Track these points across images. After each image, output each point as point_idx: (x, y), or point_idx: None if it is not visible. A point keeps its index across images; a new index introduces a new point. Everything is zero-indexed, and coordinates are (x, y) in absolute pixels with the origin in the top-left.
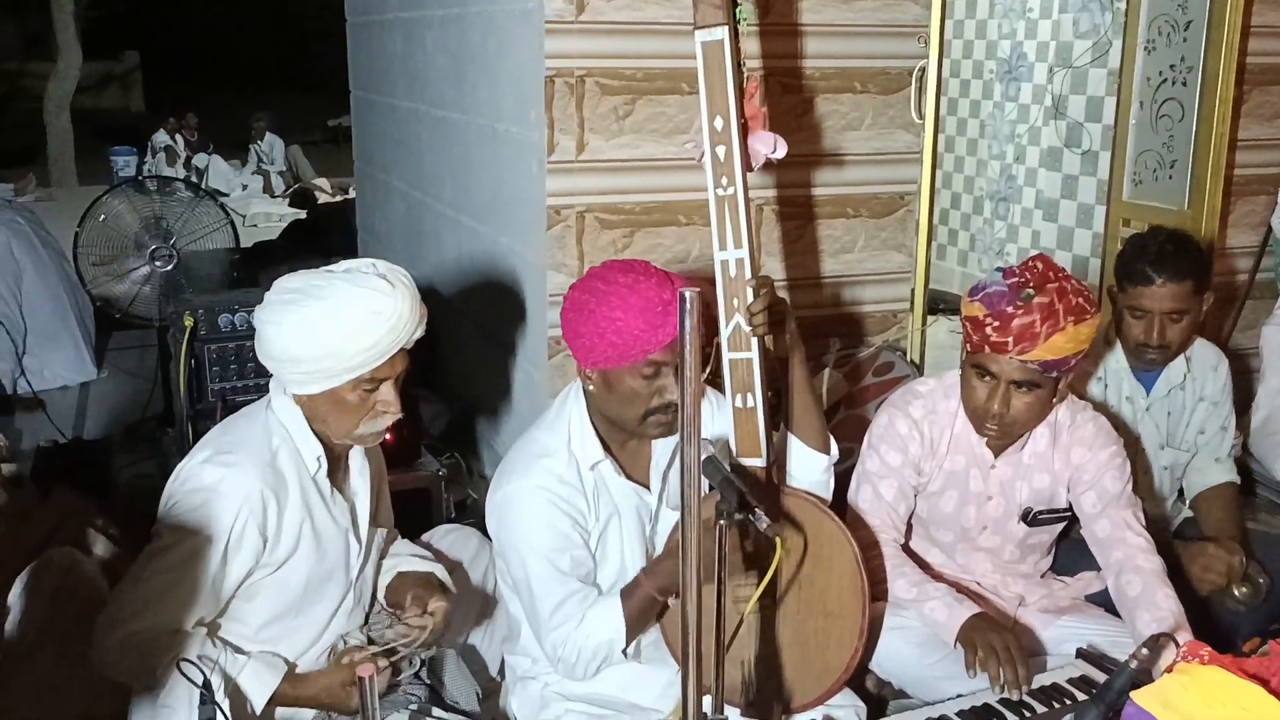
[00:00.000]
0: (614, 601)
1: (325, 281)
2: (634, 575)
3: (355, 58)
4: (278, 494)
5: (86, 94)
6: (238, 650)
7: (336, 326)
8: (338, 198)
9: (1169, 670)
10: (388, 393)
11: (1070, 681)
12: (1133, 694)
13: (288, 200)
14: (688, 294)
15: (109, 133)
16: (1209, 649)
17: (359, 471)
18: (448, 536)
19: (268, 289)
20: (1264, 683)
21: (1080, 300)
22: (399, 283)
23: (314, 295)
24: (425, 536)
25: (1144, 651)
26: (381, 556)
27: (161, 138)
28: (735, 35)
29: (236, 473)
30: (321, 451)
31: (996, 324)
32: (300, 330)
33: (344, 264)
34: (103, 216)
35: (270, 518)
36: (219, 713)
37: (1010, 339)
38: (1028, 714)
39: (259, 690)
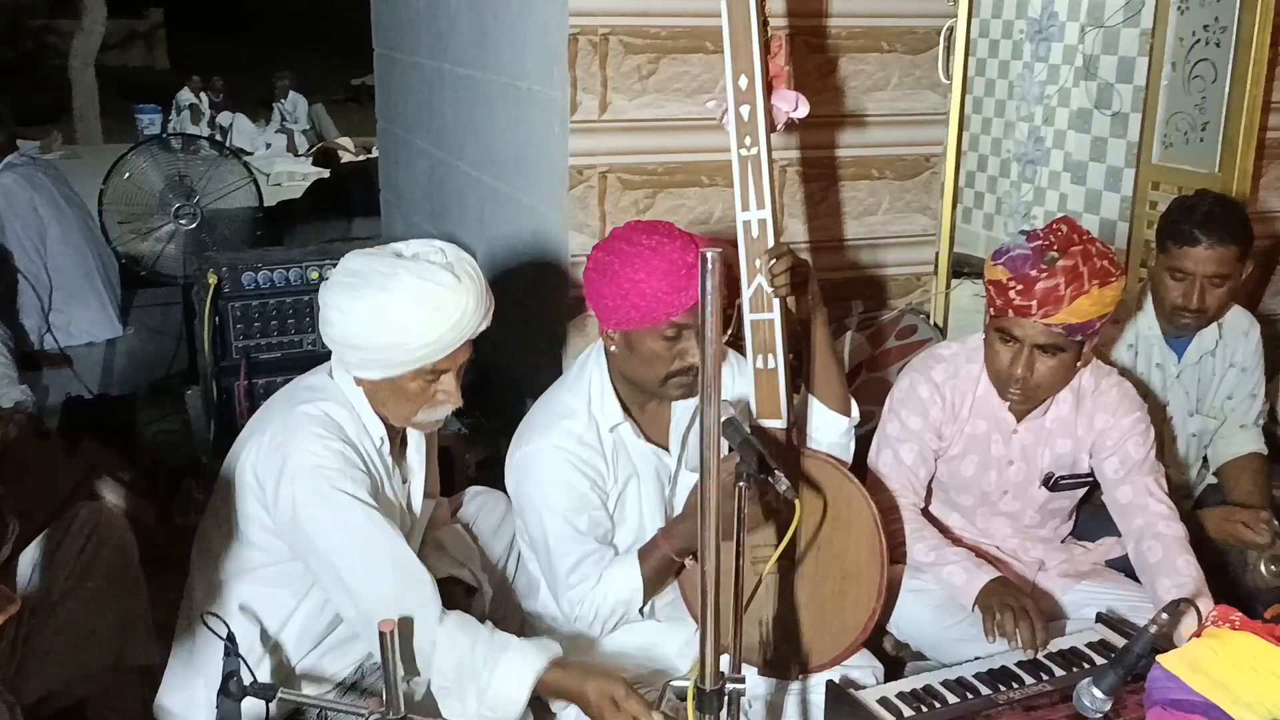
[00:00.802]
0: (631, 561)
1: (390, 269)
2: (652, 537)
3: (379, 15)
4: (364, 465)
5: (111, 52)
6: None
7: (399, 320)
8: (361, 157)
9: (1197, 635)
10: (449, 383)
11: (1089, 646)
12: (1159, 658)
13: (311, 159)
14: (709, 254)
15: (134, 90)
16: (1240, 614)
17: (415, 447)
18: (476, 499)
19: (291, 247)
20: None
21: (1105, 263)
22: (465, 275)
23: (378, 284)
24: (455, 499)
25: (1164, 616)
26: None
27: (186, 96)
28: None
29: (333, 444)
30: (384, 430)
31: (1020, 287)
32: (363, 319)
33: (412, 246)
34: (127, 174)
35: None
36: (243, 666)
37: (1034, 302)
38: (1045, 677)
39: (525, 672)
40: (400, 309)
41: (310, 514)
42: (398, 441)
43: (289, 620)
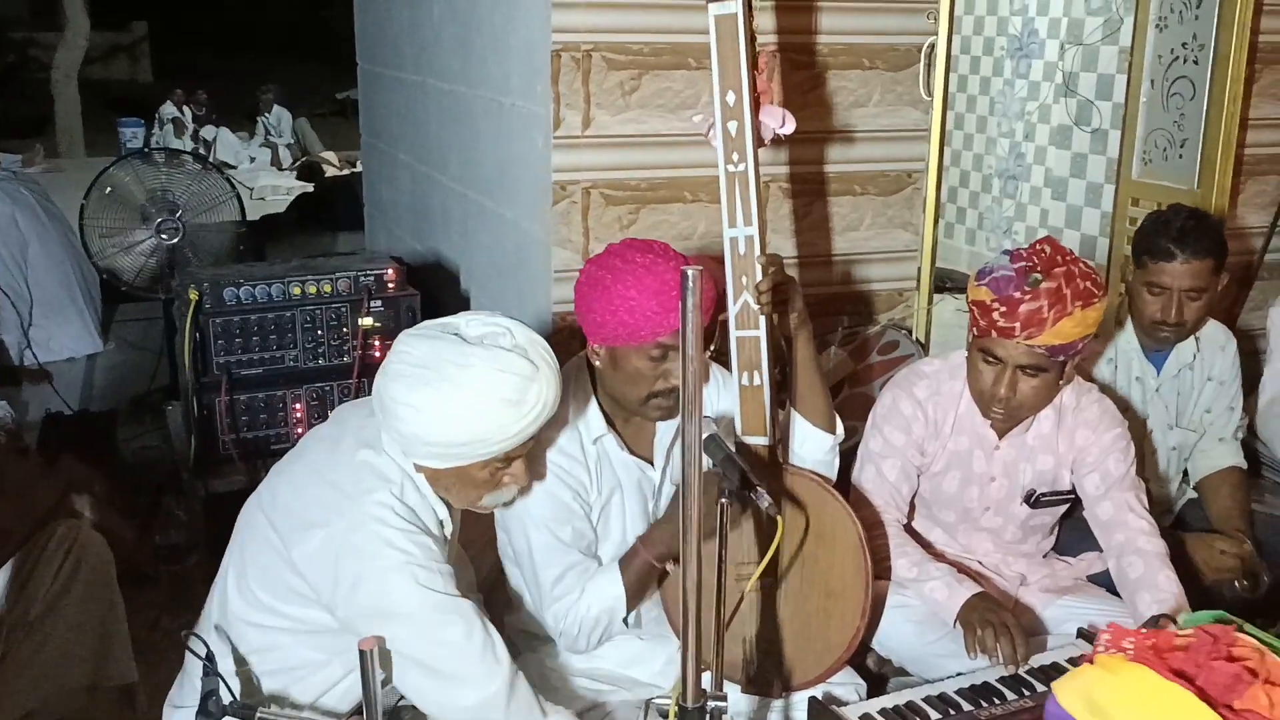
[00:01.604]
0: (613, 571)
1: (462, 359)
2: (631, 545)
3: (362, 30)
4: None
5: (94, 65)
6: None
7: (478, 416)
8: (345, 171)
9: (1090, 659)
10: (519, 468)
11: (1070, 661)
12: (1055, 689)
13: (295, 173)
14: (690, 271)
15: (117, 104)
16: (1136, 634)
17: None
18: None
19: (274, 262)
20: (1190, 680)
21: (1088, 284)
22: (541, 361)
23: (451, 377)
24: None
25: (1144, 632)
26: None
27: (169, 109)
28: (749, 7)
29: (429, 541)
30: (448, 514)
31: (1003, 309)
32: (437, 415)
33: (477, 326)
34: (109, 188)
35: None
36: (222, 685)
37: (1017, 324)
38: (1027, 692)
39: None
40: (479, 405)
41: (398, 615)
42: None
43: (333, 688)
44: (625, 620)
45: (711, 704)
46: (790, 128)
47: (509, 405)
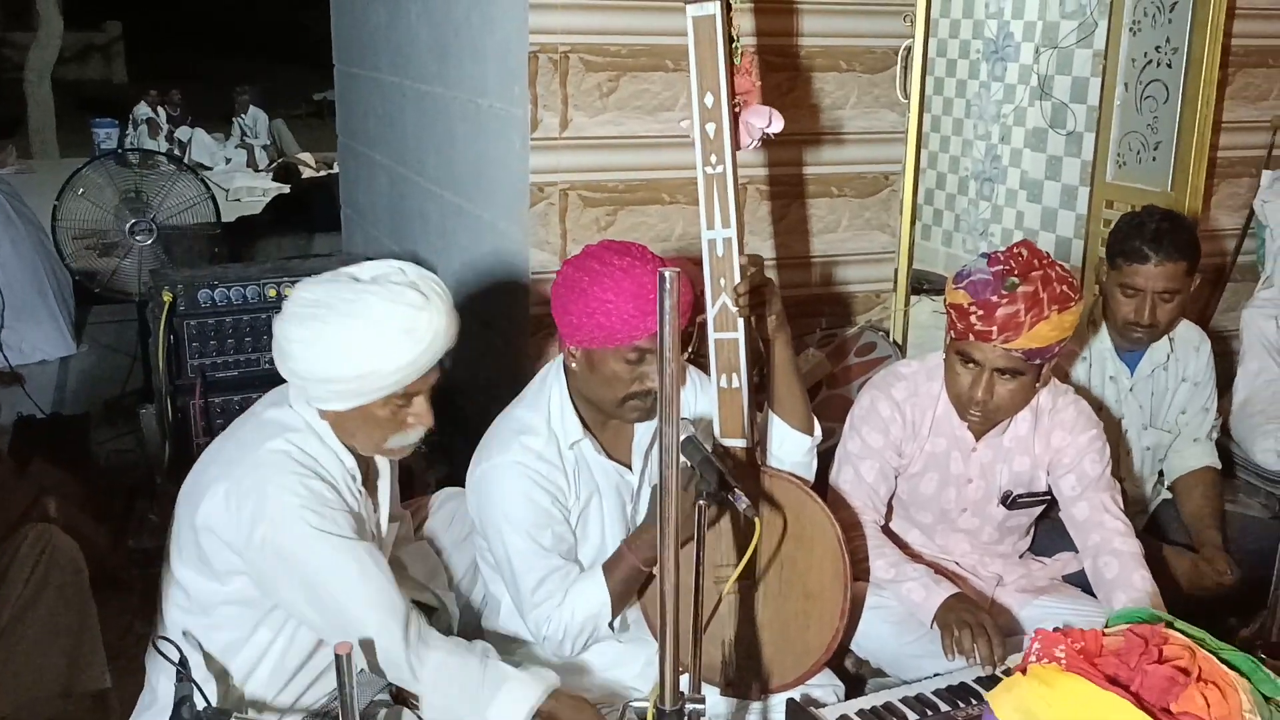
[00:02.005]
0: (597, 575)
1: (354, 294)
2: (617, 549)
3: (339, 31)
4: (344, 504)
5: (68, 65)
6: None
7: (371, 347)
8: (322, 172)
9: (1022, 669)
10: (420, 405)
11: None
12: (990, 700)
13: (271, 175)
14: (667, 274)
15: (91, 104)
16: (1068, 640)
17: (385, 475)
18: (445, 507)
19: (250, 264)
20: (1124, 686)
21: (1064, 288)
22: (432, 293)
23: (344, 311)
24: (420, 507)
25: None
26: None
27: (144, 110)
28: (727, 9)
29: (310, 482)
30: (355, 461)
31: (981, 313)
32: (331, 350)
33: (370, 269)
34: (81, 190)
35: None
36: (196, 691)
37: (994, 328)
38: None
39: (523, 700)
40: (371, 336)
41: (294, 557)
42: (371, 470)
43: (262, 659)
44: (611, 625)
45: (690, 706)
46: (778, 126)
47: (403, 333)
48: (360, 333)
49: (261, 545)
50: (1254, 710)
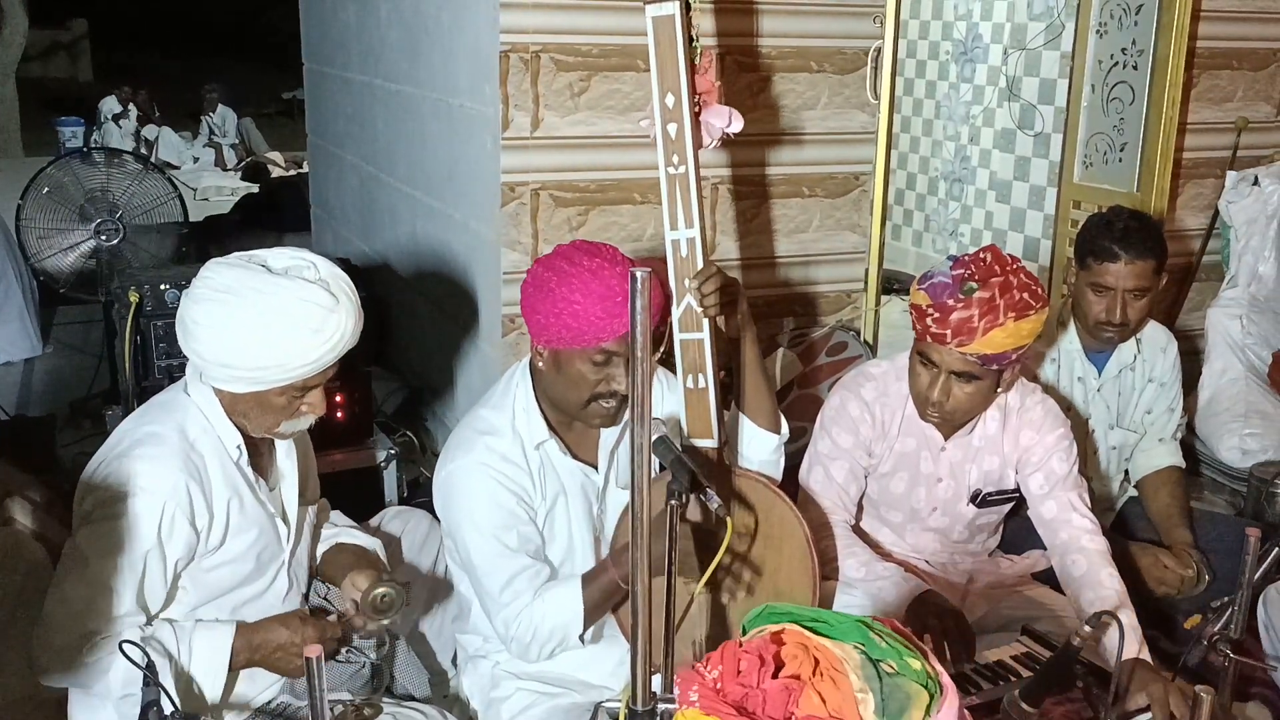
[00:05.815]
0: (574, 585)
1: (265, 286)
2: (581, 555)
3: (308, 30)
4: (201, 483)
5: (33, 63)
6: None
7: (276, 341)
8: (291, 172)
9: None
10: (315, 396)
11: (1015, 658)
12: None
13: (240, 174)
14: (639, 274)
15: (56, 103)
16: (699, 679)
17: (285, 454)
18: (396, 519)
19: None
20: (751, 714)
21: (1025, 295)
22: (342, 294)
23: (252, 302)
24: (374, 520)
25: (1087, 629)
26: (316, 529)
27: (111, 106)
28: (686, 9)
29: (156, 466)
30: (241, 440)
31: (937, 315)
32: (235, 338)
33: (281, 259)
34: (46, 189)
35: (198, 508)
36: (163, 695)
37: (949, 331)
38: (973, 690)
39: (218, 651)
40: (278, 332)
41: (75, 535)
42: (265, 450)
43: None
44: (582, 638)
45: (662, 706)
46: (738, 126)
47: (310, 333)
48: (267, 327)
49: (80, 520)
50: (864, 687)
